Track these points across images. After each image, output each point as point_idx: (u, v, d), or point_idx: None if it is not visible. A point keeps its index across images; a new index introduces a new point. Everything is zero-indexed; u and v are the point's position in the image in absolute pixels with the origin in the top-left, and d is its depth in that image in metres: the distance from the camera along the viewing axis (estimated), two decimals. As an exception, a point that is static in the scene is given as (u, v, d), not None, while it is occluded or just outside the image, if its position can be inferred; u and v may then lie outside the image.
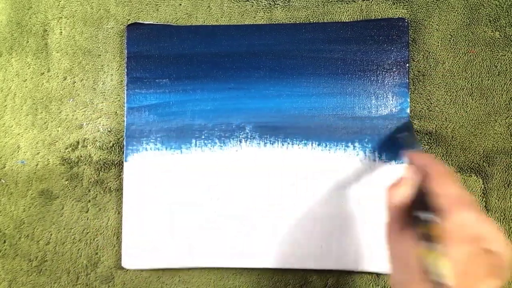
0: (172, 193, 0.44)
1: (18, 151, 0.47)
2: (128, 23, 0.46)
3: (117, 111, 0.47)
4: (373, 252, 0.42)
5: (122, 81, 0.47)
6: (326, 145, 0.43)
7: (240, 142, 0.44)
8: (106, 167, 0.46)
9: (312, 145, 0.43)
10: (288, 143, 0.44)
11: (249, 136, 0.44)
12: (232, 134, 0.44)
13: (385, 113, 0.43)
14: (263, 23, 0.46)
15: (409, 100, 0.43)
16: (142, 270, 0.46)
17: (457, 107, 0.44)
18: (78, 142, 0.47)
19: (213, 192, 0.44)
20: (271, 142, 0.44)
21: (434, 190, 0.29)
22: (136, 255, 0.44)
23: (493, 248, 0.26)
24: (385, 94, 0.43)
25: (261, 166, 0.44)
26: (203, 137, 0.44)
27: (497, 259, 0.27)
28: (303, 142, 0.44)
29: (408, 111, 0.43)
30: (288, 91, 0.44)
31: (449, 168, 0.31)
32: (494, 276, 0.27)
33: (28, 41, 0.48)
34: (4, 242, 0.47)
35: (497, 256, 0.27)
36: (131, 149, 0.45)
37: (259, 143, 0.44)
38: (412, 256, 0.28)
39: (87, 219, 0.46)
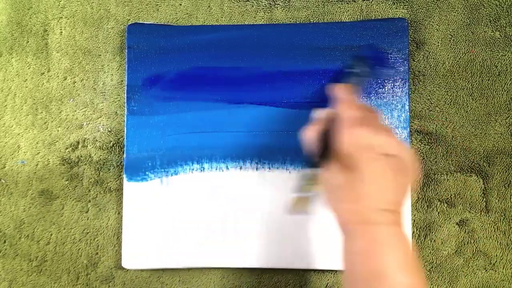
0: (172, 193, 0.44)
1: (18, 151, 0.47)
2: (128, 23, 0.46)
3: (117, 111, 0.47)
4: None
5: (122, 81, 0.47)
6: None
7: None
8: (106, 167, 0.46)
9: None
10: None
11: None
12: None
13: (385, 113, 0.43)
14: (263, 23, 0.46)
15: (409, 100, 0.43)
16: (142, 270, 0.46)
17: (457, 107, 0.44)
18: (78, 142, 0.47)
19: (213, 193, 0.44)
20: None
21: (339, 113, 0.34)
22: (136, 255, 0.44)
23: (389, 152, 0.31)
24: (385, 94, 0.43)
25: (260, 173, 0.44)
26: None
27: (399, 161, 0.32)
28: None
29: (408, 111, 0.43)
30: (288, 96, 0.44)
31: (355, 97, 0.37)
32: (401, 175, 0.32)
33: (28, 41, 0.48)
34: (4, 242, 0.47)
35: (398, 159, 0.32)
36: (131, 149, 0.45)
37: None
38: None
39: (87, 219, 0.46)
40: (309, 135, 0.36)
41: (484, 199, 0.44)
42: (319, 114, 0.37)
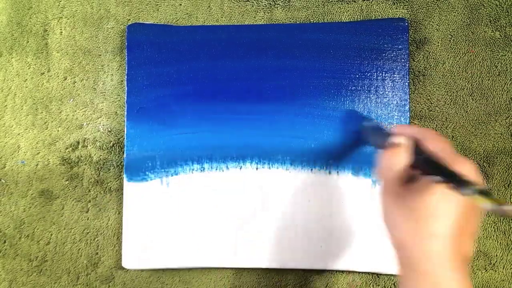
0: (172, 193, 0.44)
1: (18, 151, 0.47)
2: (128, 23, 0.46)
3: (117, 111, 0.47)
4: (373, 252, 0.42)
5: (122, 81, 0.47)
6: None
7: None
8: (106, 167, 0.46)
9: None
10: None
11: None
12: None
13: (385, 113, 0.43)
14: (263, 23, 0.46)
15: (409, 100, 0.43)
16: (142, 270, 0.46)
17: (457, 107, 0.44)
18: (78, 142, 0.47)
19: (213, 193, 0.44)
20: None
21: (433, 149, 0.31)
22: (136, 255, 0.44)
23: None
24: (385, 94, 0.43)
25: (260, 173, 0.44)
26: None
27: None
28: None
29: (408, 111, 0.43)
30: (288, 96, 0.44)
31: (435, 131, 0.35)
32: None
33: (28, 41, 0.48)
34: (4, 242, 0.47)
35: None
36: (131, 149, 0.45)
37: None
38: (423, 208, 0.30)
39: (87, 219, 0.46)
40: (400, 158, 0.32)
41: (484, 199, 0.43)
42: (401, 131, 0.34)
